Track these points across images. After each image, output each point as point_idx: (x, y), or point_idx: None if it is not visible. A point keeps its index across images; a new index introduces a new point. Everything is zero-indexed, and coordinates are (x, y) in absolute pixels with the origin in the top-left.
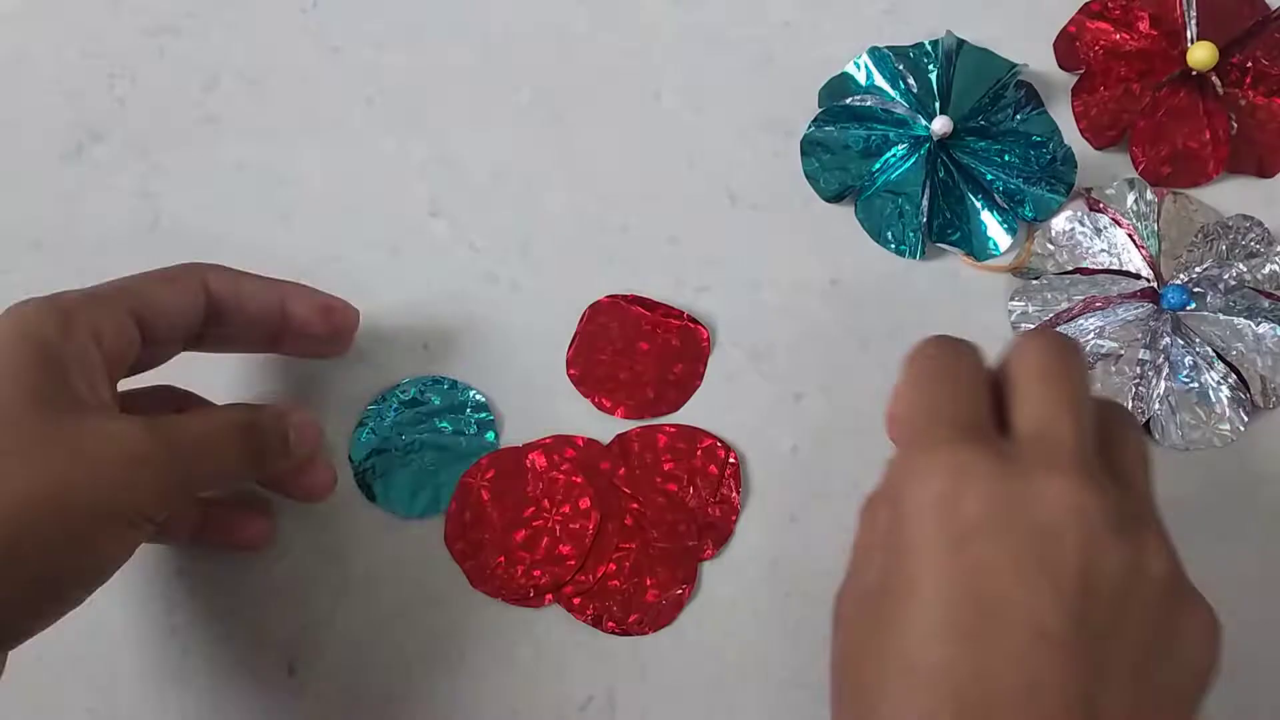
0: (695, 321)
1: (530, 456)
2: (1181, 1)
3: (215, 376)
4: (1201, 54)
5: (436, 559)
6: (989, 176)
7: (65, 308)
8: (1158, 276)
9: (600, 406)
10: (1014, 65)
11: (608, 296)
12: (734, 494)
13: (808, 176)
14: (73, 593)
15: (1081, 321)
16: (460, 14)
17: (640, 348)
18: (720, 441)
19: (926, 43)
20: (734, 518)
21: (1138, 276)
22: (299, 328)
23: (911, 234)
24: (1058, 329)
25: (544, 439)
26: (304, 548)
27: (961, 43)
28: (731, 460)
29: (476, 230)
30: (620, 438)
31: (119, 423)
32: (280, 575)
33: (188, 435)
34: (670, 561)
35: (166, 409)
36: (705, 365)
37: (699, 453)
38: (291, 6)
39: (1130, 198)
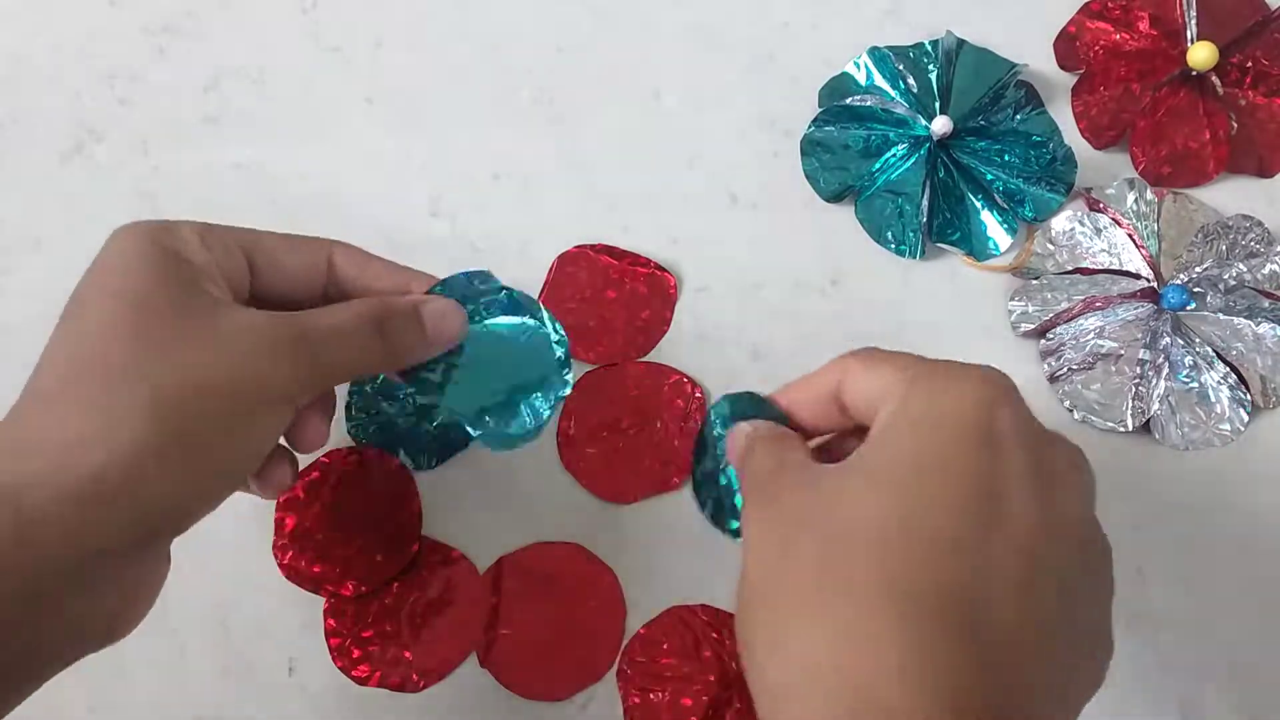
0: (662, 269)
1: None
2: (1181, 1)
3: None
4: (1201, 54)
5: None
6: (989, 176)
7: (172, 229)
8: (1158, 276)
9: (571, 353)
10: (1014, 65)
11: (575, 246)
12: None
13: (808, 176)
14: (235, 471)
15: (1081, 321)
16: (460, 14)
17: (608, 295)
18: (686, 377)
19: (926, 43)
20: None
21: (1138, 276)
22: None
23: (911, 234)
24: (1055, 329)
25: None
26: None
27: (961, 43)
28: (697, 394)
29: (477, 230)
30: (589, 375)
31: (252, 315)
32: (280, 575)
33: (320, 325)
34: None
35: None
36: (672, 311)
37: (665, 387)
38: (291, 6)
39: (1130, 198)
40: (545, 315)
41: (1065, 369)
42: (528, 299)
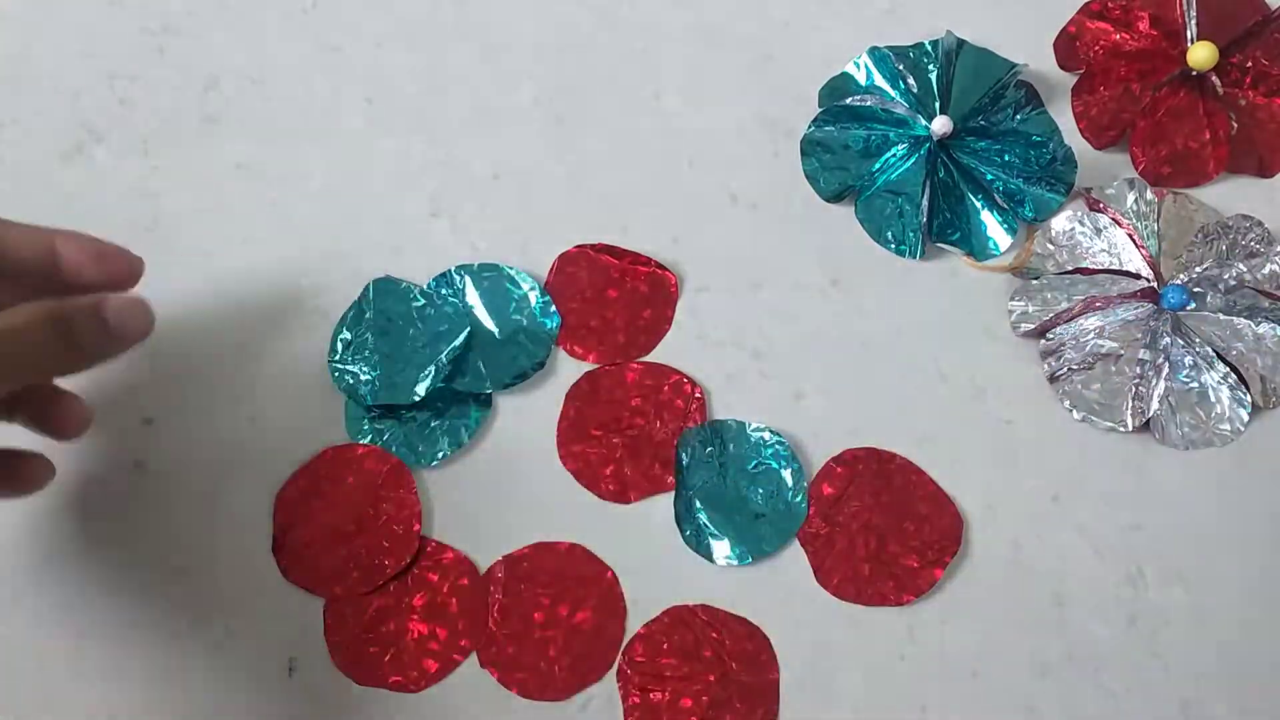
0: (663, 268)
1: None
2: (1181, 1)
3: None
4: (1201, 54)
5: None
6: (989, 176)
7: None
8: (1158, 276)
9: (572, 353)
10: (1014, 65)
11: (576, 246)
12: None
13: (808, 176)
14: None
15: (1081, 321)
16: (460, 14)
17: (609, 294)
18: (686, 377)
19: (926, 43)
20: None
21: (1138, 276)
22: (72, 274)
23: (911, 234)
24: (1055, 329)
25: None
26: None
27: (961, 43)
28: (698, 395)
29: (477, 230)
30: (589, 375)
31: None
32: (280, 575)
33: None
34: (750, 695)
35: None
36: (674, 310)
37: (666, 387)
38: (291, 6)
39: (1130, 198)
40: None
41: (1065, 369)
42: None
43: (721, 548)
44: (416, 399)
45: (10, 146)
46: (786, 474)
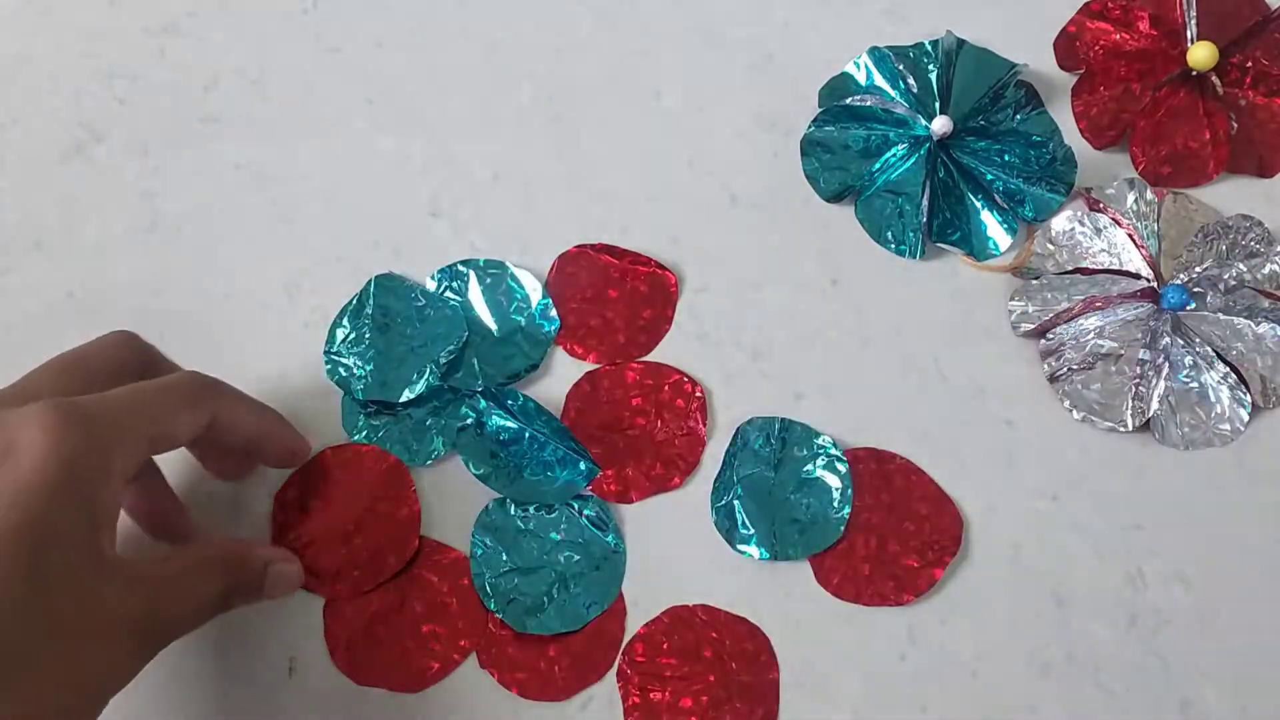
0: (663, 268)
1: None
2: (1181, 1)
3: None
4: (1201, 54)
5: None
6: (989, 176)
7: (101, 439)
8: (1158, 276)
9: (572, 353)
10: (1014, 65)
11: (576, 246)
12: (700, 426)
13: (808, 176)
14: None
15: (1081, 321)
16: (460, 14)
17: (609, 294)
18: (686, 377)
19: (926, 43)
20: (700, 449)
21: (1138, 276)
22: (261, 458)
23: (911, 234)
24: (1055, 329)
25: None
26: None
27: (961, 43)
28: (698, 394)
29: (477, 230)
30: (589, 375)
31: (114, 591)
32: None
33: (171, 591)
34: (750, 695)
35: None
36: (674, 310)
37: (666, 387)
38: (291, 6)
39: (1130, 198)
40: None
41: (1065, 369)
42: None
43: (745, 538)
44: (407, 399)
45: (10, 146)
46: (835, 491)
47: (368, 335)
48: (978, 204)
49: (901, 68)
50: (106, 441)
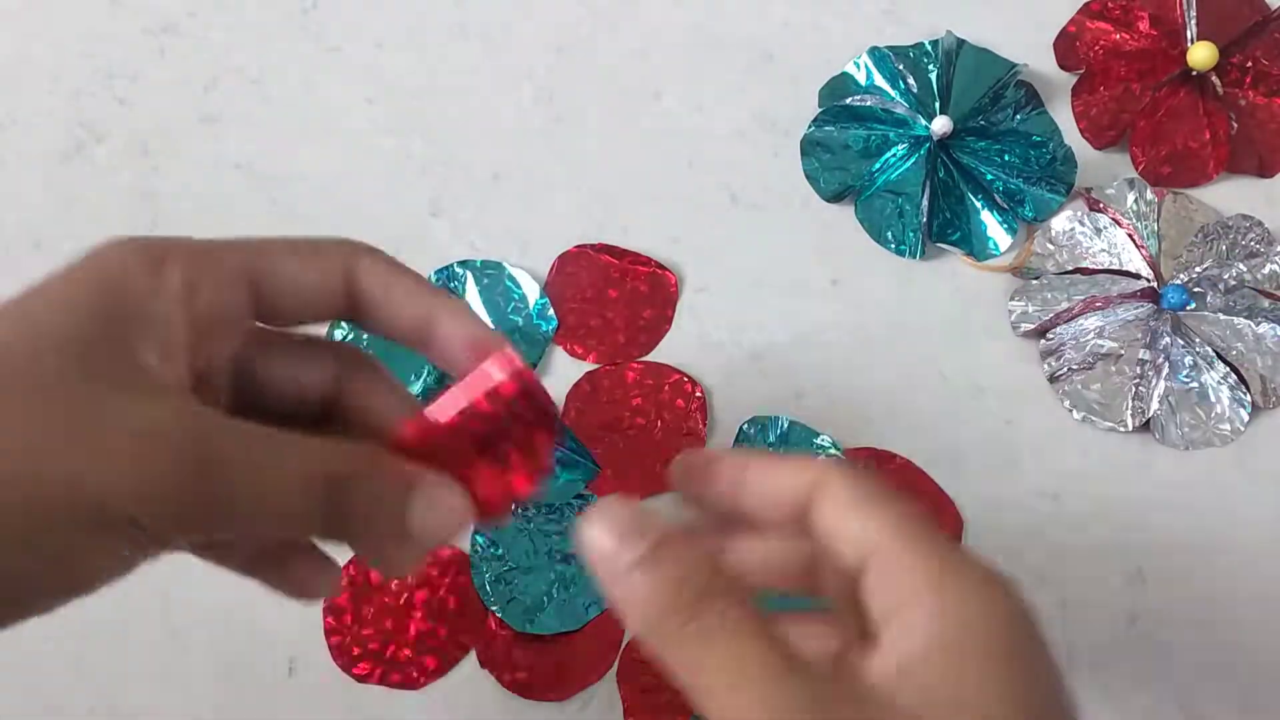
0: (663, 268)
1: None
2: (1181, 1)
3: None
4: (1201, 54)
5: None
6: (989, 176)
7: (160, 255)
8: (1158, 276)
9: (572, 353)
10: (1014, 65)
11: (576, 246)
12: (700, 426)
13: (808, 176)
14: (31, 597)
15: (1081, 321)
16: (460, 14)
17: (609, 295)
18: (686, 377)
19: (926, 43)
20: (700, 449)
21: (1138, 276)
22: (441, 356)
23: (911, 234)
24: (1055, 329)
25: None
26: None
27: (961, 43)
28: (698, 394)
29: (476, 230)
30: (590, 375)
31: (154, 406)
32: None
33: (246, 458)
34: None
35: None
36: (674, 310)
37: (666, 387)
38: (291, 6)
39: (1130, 198)
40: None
41: (1065, 369)
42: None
43: None
44: None
45: (10, 146)
46: None
47: (366, 336)
48: (978, 204)
49: (901, 68)
50: (168, 264)
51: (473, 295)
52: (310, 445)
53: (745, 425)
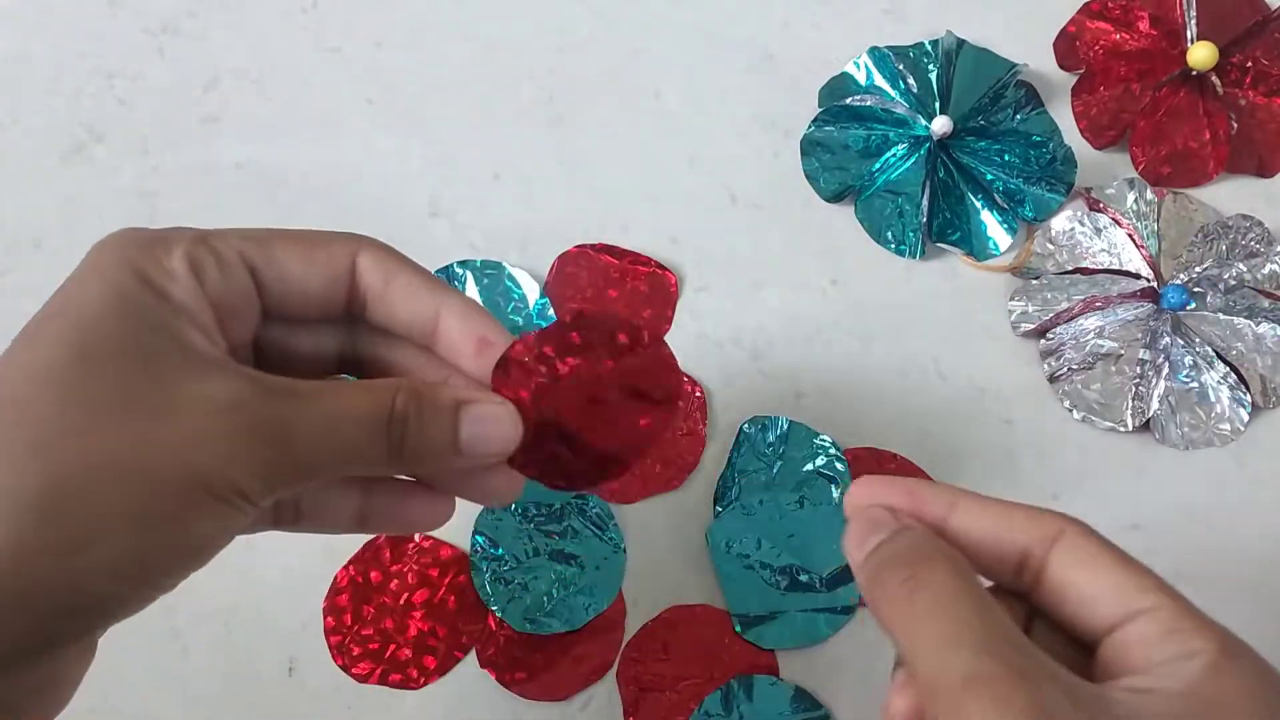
0: (663, 268)
1: None
2: (1181, 1)
3: None
4: (1201, 54)
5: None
6: (989, 176)
7: (162, 246)
8: (1158, 276)
9: None
10: (1014, 65)
11: (576, 246)
12: (700, 426)
13: (808, 176)
14: (157, 574)
15: (1081, 321)
16: (460, 14)
17: (609, 295)
18: (687, 377)
19: (926, 43)
20: (700, 449)
21: (1138, 276)
22: (447, 354)
23: (911, 234)
24: (1055, 329)
25: None
26: (305, 546)
27: (961, 43)
28: (698, 394)
29: (476, 230)
30: None
31: (229, 382)
32: (280, 575)
33: (311, 413)
34: None
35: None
36: (674, 310)
37: None
38: (291, 6)
39: (1130, 197)
40: None
41: (1065, 369)
42: None
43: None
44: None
45: (10, 146)
46: (835, 490)
47: None
48: (978, 204)
49: (901, 68)
50: (160, 246)
51: (473, 295)
52: (365, 389)
53: (745, 425)
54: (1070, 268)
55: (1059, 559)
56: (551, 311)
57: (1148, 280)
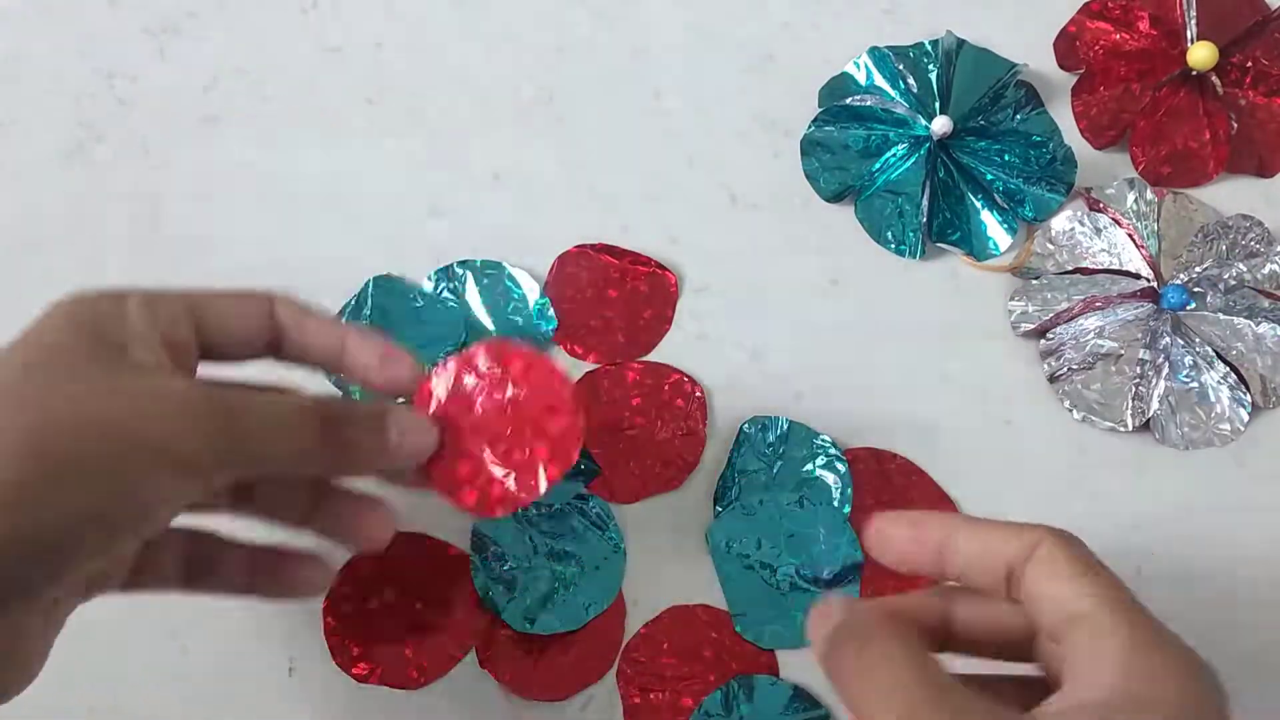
0: (663, 268)
1: None
2: (1181, 1)
3: None
4: (1201, 54)
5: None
6: (989, 176)
7: (115, 296)
8: (1158, 276)
9: (572, 353)
10: (1014, 65)
11: (576, 246)
12: (700, 426)
13: (808, 176)
14: (114, 524)
15: (1081, 321)
16: (460, 14)
17: (609, 294)
18: (686, 377)
19: (926, 43)
20: (700, 449)
21: (1138, 276)
22: (359, 376)
23: (911, 234)
24: (1055, 329)
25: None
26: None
27: (961, 43)
28: (698, 394)
29: (476, 230)
30: (589, 375)
31: (180, 382)
32: None
33: (252, 406)
34: None
35: None
36: (674, 310)
37: (666, 387)
38: (291, 6)
39: (1130, 197)
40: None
41: (1065, 369)
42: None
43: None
44: (399, 402)
45: (10, 146)
46: (835, 490)
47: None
48: (978, 204)
49: (901, 68)
50: (113, 296)
51: (473, 295)
52: (301, 395)
53: (745, 425)
54: (1070, 268)
55: (1031, 571)
56: (552, 311)
57: (1148, 280)
